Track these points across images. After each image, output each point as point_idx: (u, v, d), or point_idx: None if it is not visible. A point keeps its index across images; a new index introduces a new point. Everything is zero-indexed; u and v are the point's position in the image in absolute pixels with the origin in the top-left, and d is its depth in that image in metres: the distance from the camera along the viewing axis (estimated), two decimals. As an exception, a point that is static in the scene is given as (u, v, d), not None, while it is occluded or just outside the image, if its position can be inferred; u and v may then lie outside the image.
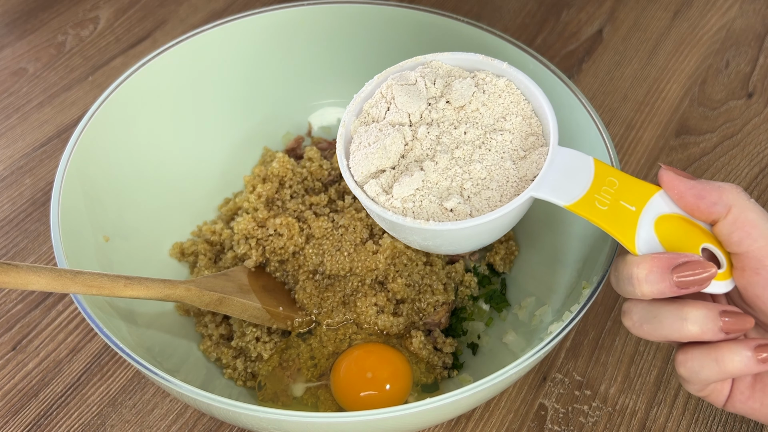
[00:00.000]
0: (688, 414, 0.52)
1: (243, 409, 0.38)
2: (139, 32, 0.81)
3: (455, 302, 0.56)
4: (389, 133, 0.43)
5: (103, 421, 0.52)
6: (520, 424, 0.52)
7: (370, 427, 0.40)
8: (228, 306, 0.48)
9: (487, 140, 0.43)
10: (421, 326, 0.54)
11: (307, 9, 0.61)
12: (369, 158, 0.43)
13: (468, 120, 0.44)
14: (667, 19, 0.82)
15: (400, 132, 0.43)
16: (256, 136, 0.64)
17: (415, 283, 0.55)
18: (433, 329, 0.54)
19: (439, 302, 0.54)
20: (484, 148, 0.43)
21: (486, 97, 0.44)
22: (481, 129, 0.43)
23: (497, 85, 0.45)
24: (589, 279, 0.47)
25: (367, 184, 0.42)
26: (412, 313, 0.54)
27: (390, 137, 0.42)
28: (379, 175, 0.43)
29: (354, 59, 0.63)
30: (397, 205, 0.41)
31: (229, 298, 0.48)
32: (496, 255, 0.58)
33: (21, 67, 0.77)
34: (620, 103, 0.73)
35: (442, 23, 0.59)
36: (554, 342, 0.41)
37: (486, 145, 0.43)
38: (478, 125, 0.44)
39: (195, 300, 0.45)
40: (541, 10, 0.83)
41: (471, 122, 0.44)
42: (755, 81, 0.75)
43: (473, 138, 0.43)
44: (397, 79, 0.45)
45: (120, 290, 0.38)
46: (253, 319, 0.50)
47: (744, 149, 0.69)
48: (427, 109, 0.44)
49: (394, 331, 0.53)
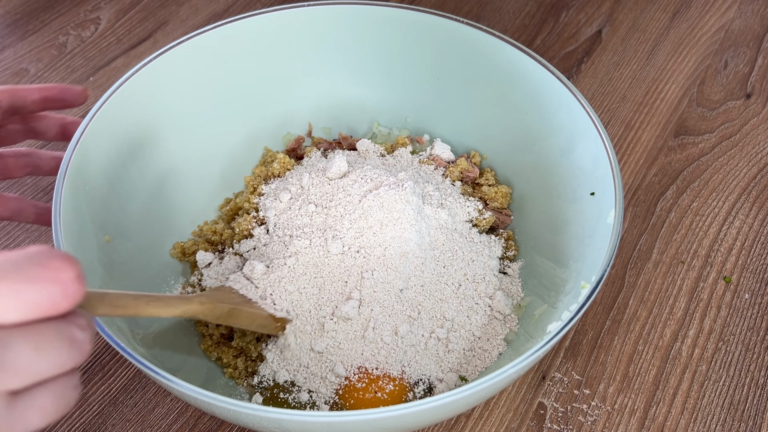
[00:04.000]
0: (686, 413, 0.53)
1: (243, 409, 0.38)
2: (140, 33, 0.82)
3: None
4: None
5: (104, 420, 0.52)
6: (520, 423, 0.52)
7: (370, 426, 0.40)
8: (238, 317, 0.48)
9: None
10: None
11: (306, 10, 0.61)
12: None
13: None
14: (665, 20, 0.82)
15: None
16: (256, 136, 0.64)
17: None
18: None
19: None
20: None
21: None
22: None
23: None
24: (588, 278, 0.47)
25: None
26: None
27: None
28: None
29: (354, 59, 0.63)
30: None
31: (238, 309, 0.48)
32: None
33: (22, 68, 0.78)
34: (619, 103, 0.74)
35: (442, 24, 0.60)
36: (553, 341, 0.41)
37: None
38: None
39: (209, 314, 0.46)
40: (541, 11, 0.83)
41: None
42: (754, 81, 0.76)
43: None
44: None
45: (143, 309, 0.38)
46: (261, 329, 0.50)
47: (743, 149, 0.70)
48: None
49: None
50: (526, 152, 0.59)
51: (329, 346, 0.50)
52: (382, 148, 0.62)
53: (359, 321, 0.50)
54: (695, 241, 0.63)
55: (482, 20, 0.82)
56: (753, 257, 0.62)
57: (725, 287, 0.60)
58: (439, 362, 0.50)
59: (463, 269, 0.53)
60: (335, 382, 0.49)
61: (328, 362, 0.49)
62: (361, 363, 0.49)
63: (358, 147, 0.61)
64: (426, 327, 0.50)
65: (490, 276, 0.54)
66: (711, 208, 0.65)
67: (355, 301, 0.50)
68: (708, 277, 0.60)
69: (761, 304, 0.59)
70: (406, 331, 0.49)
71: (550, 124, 0.56)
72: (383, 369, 0.49)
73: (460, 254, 0.53)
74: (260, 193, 0.58)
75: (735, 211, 0.65)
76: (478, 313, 0.52)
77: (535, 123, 0.58)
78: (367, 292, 0.50)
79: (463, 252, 0.54)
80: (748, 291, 0.59)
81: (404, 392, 0.49)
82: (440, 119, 0.64)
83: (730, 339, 0.57)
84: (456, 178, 0.59)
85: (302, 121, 0.66)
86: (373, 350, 0.49)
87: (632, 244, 0.62)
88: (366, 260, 0.50)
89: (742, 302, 0.59)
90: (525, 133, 0.59)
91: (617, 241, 0.46)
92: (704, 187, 0.67)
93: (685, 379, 0.54)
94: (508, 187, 0.60)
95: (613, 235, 0.46)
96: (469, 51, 0.60)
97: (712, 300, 0.59)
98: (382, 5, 0.61)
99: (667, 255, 0.62)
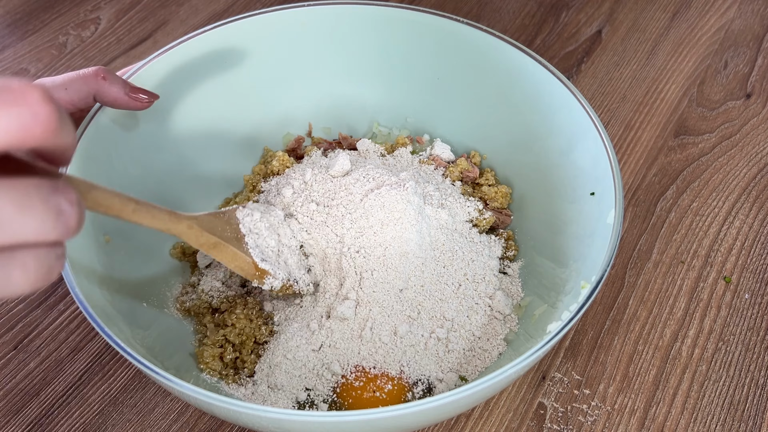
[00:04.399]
0: (686, 413, 0.53)
1: (244, 409, 0.38)
2: (140, 33, 0.82)
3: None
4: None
5: (104, 421, 0.52)
6: (520, 423, 0.52)
7: (370, 426, 0.40)
8: (221, 252, 0.48)
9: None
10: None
11: (306, 10, 0.61)
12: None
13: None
14: (665, 20, 0.82)
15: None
16: (256, 136, 0.64)
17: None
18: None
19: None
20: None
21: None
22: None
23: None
24: (588, 278, 0.47)
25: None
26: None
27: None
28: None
29: (354, 59, 0.63)
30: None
31: (224, 245, 0.48)
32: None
33: (22, 68, 0.78)
34: (619, 103, 0.74)
35: (442, 24, 0.60)
36: (553, 341, 0.41)
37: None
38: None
39: (192, 239, 0.45)
40: (541, 11, 0.83)
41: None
42: (754, 81, 0.76)
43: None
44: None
45: (128, 214, 0.37)
46: (239, 270, 0.49)
47: (743, 149, 0.70)
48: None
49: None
50: (526, 152, 0.59)
51: (325, 345, 0.50)
52: (382, 148, 0.62)
53: (356, 321, 0.50)
54: (695, 241, 0.63)
55: (482, 20, 0.82)
56: (753, 257, 0.62)
57: (725, 287, 0.60)
58: (439, 362, 0.50)
59: (463, 269, 0.53)
60: (331, 380, 0.49)
61: (324, 360, 0.50)
62: (358, 362, 0.49)
63: (359, 147, 0.61)
64: (426, 327, 0.50)
65: (490, 276, 0.54)
66: (711, 208, 0.65)
67: (352, 302, 0.50)
68: (708, 277, 0.60)
69: (761, 304, 0.59)
70: (405, 331, 0.49)
71: (550, 124, 0.56)
72: (381, 368, 0.49)
73: (460, 254, 0.53)
74: (260, 190, 0.58)
75: (735, 211, 0.65)
76: (478, 313, 0.52)
77: (535, 123, 0.58)
78: (367, 292, 0.50)
79: (463, 252, 0.54)
80: (748, 291, 0.59)
81: (403, 392, 0.49)
82: (440, 119, 0.64)
83: (730, 339, 0.57)
84: (456, 178, 0.59)
85: (302, 121, 0.66)
86: (371, 349, 0.49)
87: (632, 244, 0.62)
88: (366, 260, 0.51)
89: (742, 302, 0.59)
90: (525, 133, 0.59)
91: (617, 241, 0.46)
92: (704, 187, 0.67)
93: (685, 379, 0.54)
94: (508, 187, 0.60)
95: (613, 235, 0.46)
96: (469, 51, 0.60)
97: (712, 300, 0.59)
98: (382, 5, 0.61)
99: (667, 255, 0.62)
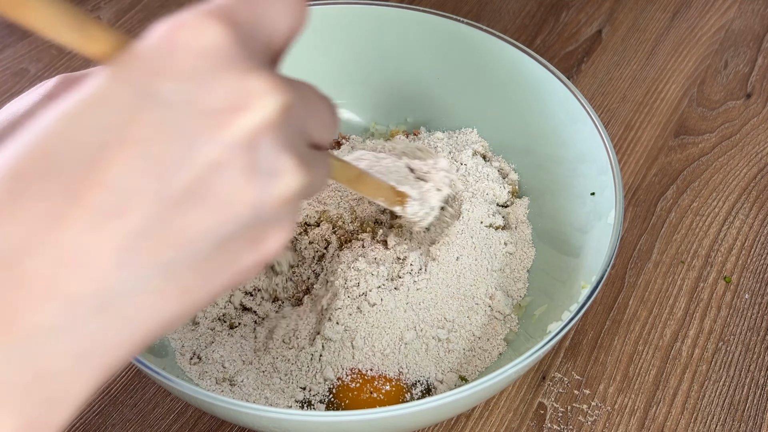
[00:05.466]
0: (686, 413, 0.53)
1: (243, 409, 0.38)
2: (140, 33, 0.81)
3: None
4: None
5: (105, 420, 0.52)
6: (520, 423, 0.52)
7: (370, 426, 0.40)
8: (363, 183, 0.42)
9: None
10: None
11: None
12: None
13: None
14: (665, 20, 0.82)
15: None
16: (256, 136, 0.64)
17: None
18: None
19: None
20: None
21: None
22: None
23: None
24: (588, 279, 0.47)
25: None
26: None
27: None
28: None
29: (353, 60, 0.63)
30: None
31: (366, 174, 0.42)
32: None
33: (22, 68, 0.78)
34: (619, 103, 0.74)
35: (442, 24, 0.60)
36: (553, 341, 0.41)
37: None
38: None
39: (339, 173, 0.38)
40: (541, 11, 0.83)
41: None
42: (754, 81, 0.76)
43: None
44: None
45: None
46: (382, 199, 0.45)
47: (743, 149, 0.70)
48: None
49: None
50: (526, 152, 0.59)
51: (316, 351, 0.49)
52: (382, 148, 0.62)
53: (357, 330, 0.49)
54: (695, 241, 0.63)
55: (482, 20, 0.82)
56: (753, 257, 0.62)
57: (725, 287, 0.60)
58: (439, 363, 0.50)
59: (465, 269, 0.53)
60: (325, 384, 0.49)
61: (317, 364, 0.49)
62: (353, 366, 0.49)
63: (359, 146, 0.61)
64: (426, 329, 0.50)
65: (490, 276, 0.54)
66: (711, 208, 0.65)
67: (340, 326, 0.49)
68: (708, 277, 0.60)
69: (761, 304, 0.59)
70: (412, 337, 0.49)
71: (550, 124, 0.56)
72: (378, 371, 0.49)
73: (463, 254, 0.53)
74: None
75: (735, 211, 0.65)
76: (478, 313, 0.52)
77: (535, 123, 0.58)
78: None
79: (465, 251, 0.54)
80: (748, 291, 0.59)
81: (401, 393, 0.49)
82: (440, 119, 0.64)
83: (730, 339, 0.57)
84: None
85: (302, 121, 0.66)
86: (367, 353, 0.49)
87: (632, 244, 0.62)
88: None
89: (742, 302, 0.59)
90: (524, 133, 0.59)
91: (617, 241, 0.46)
92: (704, 187, 0.67)
93: (685, 379, 0.54)
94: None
95: (613, 236, 0.46)
96: (469, 51, 0.60)
97: (712, 300, 0.59)
98: (382, 5, 0.61)
99: (667, 255, 0.62)
